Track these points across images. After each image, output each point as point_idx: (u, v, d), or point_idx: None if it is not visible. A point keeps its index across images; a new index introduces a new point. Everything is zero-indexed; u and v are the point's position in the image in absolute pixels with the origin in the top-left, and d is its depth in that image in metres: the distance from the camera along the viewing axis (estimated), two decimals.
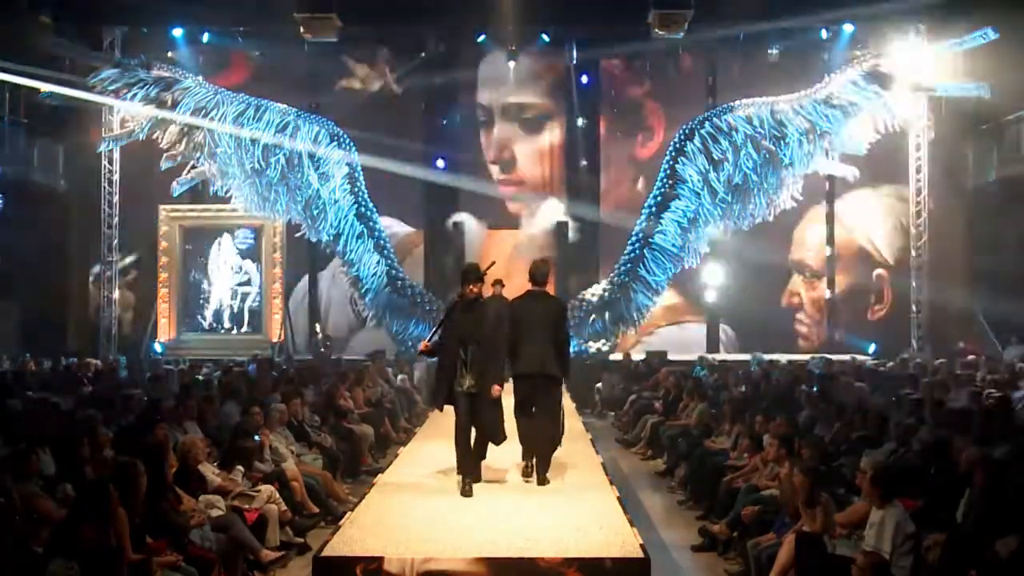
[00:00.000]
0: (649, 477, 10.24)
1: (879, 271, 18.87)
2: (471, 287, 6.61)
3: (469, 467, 6.53)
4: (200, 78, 16.68)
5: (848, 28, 17.19)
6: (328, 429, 9.86)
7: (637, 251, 17.10)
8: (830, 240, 18.83)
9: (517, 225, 18.72)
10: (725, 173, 16.78)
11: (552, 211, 18.27)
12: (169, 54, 17.43)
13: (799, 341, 18.82)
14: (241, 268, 18.98)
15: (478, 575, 4.91)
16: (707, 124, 16.84)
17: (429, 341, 6.90)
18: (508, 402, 6.84)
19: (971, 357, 15.12)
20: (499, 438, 6.71)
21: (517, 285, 7.85)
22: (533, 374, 6.71)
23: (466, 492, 6.36)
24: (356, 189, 17.15)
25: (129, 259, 18.42)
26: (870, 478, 5.37)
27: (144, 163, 17.34)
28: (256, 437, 7.80)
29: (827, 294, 18.90)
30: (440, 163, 18.24)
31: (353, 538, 5.29)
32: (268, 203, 17.00)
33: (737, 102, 16.86)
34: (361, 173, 17.21)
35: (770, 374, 13.01)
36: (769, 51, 17.59)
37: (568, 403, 11.40)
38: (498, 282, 8.48)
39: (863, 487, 5.53)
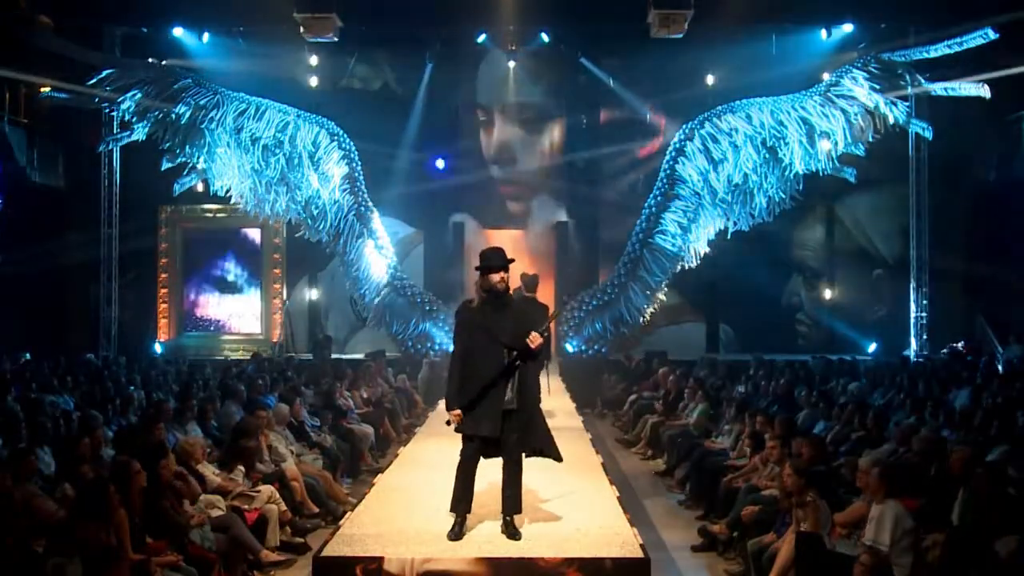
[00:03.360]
0: (649, 477, 10.24)
1: (879, 271, 18.86)
2: (501, 276, 5.41)
3: (467, 504, 5.43)
4: (200, 78, 16.67)
5: (847, 28, 17.19)
6: (328, 429, 9.87)
7: (637, 251, 17.10)
8: (830, 240, 18.81)
9: (517, 225, 18.71)
10: (725, 173, 16.77)
11: (552, 211, 18.26)
12: (169, 54, 17.42)
13: (799, 341, 18.82)
14: (241, 268, 18.98)
15: (478, 575, 4.91)
16: (707, 124, 16.83)
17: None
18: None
19: (971, 357, 15.13)
20: (558, 452, 5.65)
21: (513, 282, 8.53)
22: None
23: (456, 535, 5.30)
24: (356, 189, 17.15)
25: (129, 259, 18.39)
26: (879, 472, 5.38)
27: (144, 163, 17.33)
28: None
29: (827, 294, 18.91)
30: (440, 163, 18.26)
31: (353, 538, 5.29)
32: (268, 203, 17.00)
33: (737, 102, 16.85)
34: (361, 173, 17.20)
35: (770, 374, 13.01)
36: (769, 50, 17.58)
37: (568, 403, 11.50)
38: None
39: (867, 482, 5.53)
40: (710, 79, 17.98)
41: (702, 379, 12.32)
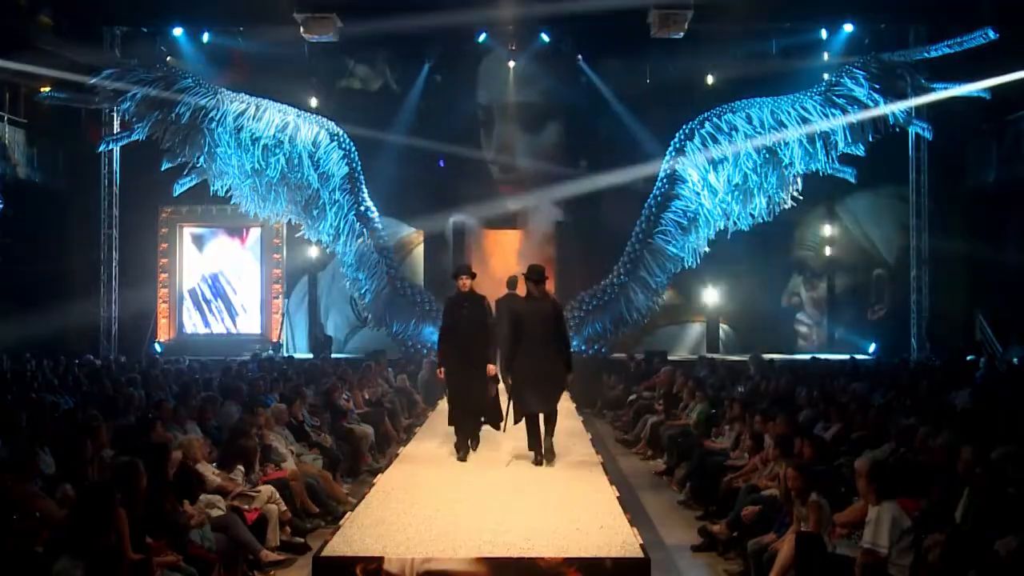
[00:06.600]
0: (649, 477, 10.23)
1: (879, 271, 18.87)
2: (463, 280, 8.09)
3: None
4: (200, 78, 16.67)
5: (848, 28, 17.19)
6: (328, 429, 9.86)
7: (637, 251, 17.09)
8: (830, 240, 18.83)
9: (517, 225, 18.71)
10: (725, 173, 16.77)
11: (551, 211, 18.26)
12: (169, 54, 17.43)
13: (799, 341, 18.82)
14: (241, 268, 18.98)
15: (478, 575, 4.91)
16: (707, 124, 16.83)
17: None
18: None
19: (971, 357, 15.12)
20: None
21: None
22: None
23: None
24: (356, 189, 17.15)
25: (129, 259, 18.40)
26: (866, 475, 5.37)
27: (144, 163, 17.33)
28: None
29: (827, 294, 18.92)
30: (440, 163, 18.25)
31: (353, 538, 5.29)
32: (268, 203, 16.99)
33: (737, 102, 16.85)
34: (361, 173, 17.20)
35: (770, 374, 13.01)
36: (769, 50, 17.58)
37: (568, 403, 11.47)
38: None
39: (859, 484, 5.53)
40: (710, 79, 17.97)
41: (702, 379, 12.31)
